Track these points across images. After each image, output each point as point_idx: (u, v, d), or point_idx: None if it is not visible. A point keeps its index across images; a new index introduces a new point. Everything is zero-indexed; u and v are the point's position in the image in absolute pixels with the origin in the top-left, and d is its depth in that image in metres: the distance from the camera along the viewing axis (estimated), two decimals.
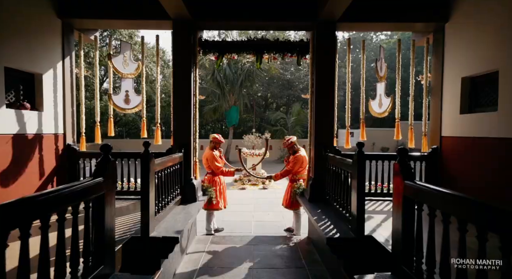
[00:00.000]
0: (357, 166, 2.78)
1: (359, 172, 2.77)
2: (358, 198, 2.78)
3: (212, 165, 4.81)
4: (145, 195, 2.75)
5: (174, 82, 4.34)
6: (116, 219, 3.39)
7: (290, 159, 4.86)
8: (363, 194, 2.80)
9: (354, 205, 2.87)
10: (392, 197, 2.22)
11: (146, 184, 2.74)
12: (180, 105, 4.32)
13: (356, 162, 2.78)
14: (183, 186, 4.19)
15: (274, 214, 6.61)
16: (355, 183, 2.83)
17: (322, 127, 4.34)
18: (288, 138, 4.87)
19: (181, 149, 4.22)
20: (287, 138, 4.89)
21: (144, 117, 4.56)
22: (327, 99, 4.33)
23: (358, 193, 2.78)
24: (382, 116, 4.56)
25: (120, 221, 3.31)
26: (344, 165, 3.28)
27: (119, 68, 4.44)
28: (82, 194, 1.76)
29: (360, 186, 2.77)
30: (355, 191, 2.83)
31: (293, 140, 4.79)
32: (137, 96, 4.58)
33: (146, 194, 2.74)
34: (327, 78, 4.33)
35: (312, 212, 3.73)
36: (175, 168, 3.87)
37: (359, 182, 2.77)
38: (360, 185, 2.77)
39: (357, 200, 2.78)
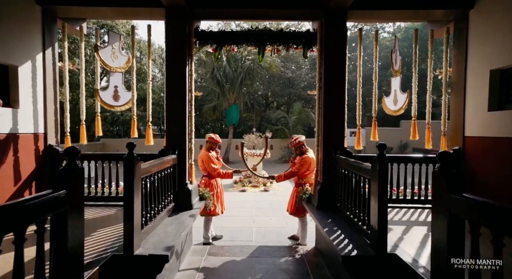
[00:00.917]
0: (379, 171, 2.35)
1: (380, 178, 2.35)
2: (380, 209, 2.36)
3: (208, 167, 4.41)
4: (128, 206, 2.33)
5: (167, 76, 3.92)
6: (98, 231, 2.99)
7: (296, 160, 4.44)
8: (386, 205, 2.38)
9: (374, 217, 2.45)
10: (431, 214, 1.80)
11: (129, 192, 2.32)
12: (173, 102, 3.90)
13: (378, 166, 2.36)
14: (177, 191, 3.77)
15: (277, 219, 6.19)
16: (375, 191, 2.41)
17: (331, 126, 3.92)
18: (296, 137, 4.45)
19: (175, 150, 3.80)
20: (294, 137, 4.47)
21: (134, 115, 4.14)
22: (336, 95, 3.91)
23: (379, 203, 2.35)
24: (397, 113, 4.14)
25: (103, 234, 2.89)
26: (360, 169, 2.86)
27: (107, 61, 4.02)
28: (32, 214, 1.34)
29: (382, 195, 2.35)
30: (375, 201, 2.41)
31: (301, 139, 4.37)
32: (127, 92, 4.16)
33: (129, 204, 2.32)
34: (336, 72, 3.91)
35: (322, 222, 3.31)
36: (167, 172, 3.45)
37: (380, 190, 2.35)
38: (382, 194, 2.35)
39: (379, 212, 2.36)
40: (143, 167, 2.56)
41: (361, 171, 2.83)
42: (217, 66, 17.48)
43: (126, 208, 2.33)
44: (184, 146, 3.91)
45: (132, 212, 2.33)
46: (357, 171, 2.93)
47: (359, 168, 2.85)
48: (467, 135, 3.82)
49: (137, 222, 2.42)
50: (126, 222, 2.33)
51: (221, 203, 4.67)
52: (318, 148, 4.04)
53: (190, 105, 4.02)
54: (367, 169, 2.63)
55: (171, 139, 3.90)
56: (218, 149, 4.83)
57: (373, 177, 2.47)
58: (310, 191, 4.22)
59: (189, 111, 4.01)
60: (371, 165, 2.53)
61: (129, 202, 2.32)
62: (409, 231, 3.06)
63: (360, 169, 2.83)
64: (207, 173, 4.48)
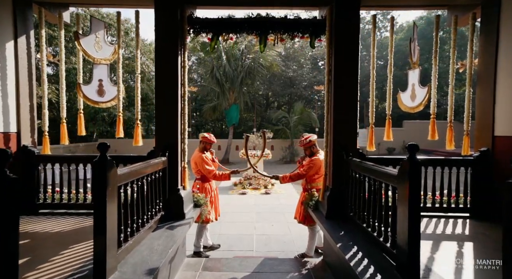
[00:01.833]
0: (410, 178, 1.90)
1: (412, 187, 1.89)
2: (411, 225, 1.90)
3: (202, 169, 4.00)
4: (99, 222, 1.87)
5: (157, 68, 3.48)
6: (70, 247, 2.52)
7: (305, 162, 4.00)
8: (418, 220, 1.92)
9: (402, 233, 1.99)
10: (503, 235, 1.35)
11: (101, 205, 1.87)
12: (164, 97, 3.45)
13: (408, 172, 1.91)
14: (167, 199, 3.32)
15: (279, 226, 5.74)
16: (404, 202, 1.95)
17: (342, 125, 3.47)
18: (307, 136, 4.01)
19: (165, 152, 3.35)
20: (305, 136, 4.03)
21: (120, 112, 3.69)
22: (348, 89, 3.46)
23: (410, 217, 1.90)
24: (415, 110, 3.69)
25: (75, 251, 2.44)
26: (381, 175, 2.40)
27: (90, 52, 3.57)
28: None
29: (413, 208, 1.90)
30: (404, 214, 1.96)
31: (312, 139, 3.93)
32: (113, 86, 3.72)
33: (101, 219, 1.87)
34: (348, 63, 3.46)
35: (333, 235, 2.86)
36: (155, 176, 3.00)
37: (411, 201, 1.90)
38: (414, 206, 1.90)
39: (409, 228, 1.90)
40: (121, 173, 2.11)
41: (383, 177, 2.38)
42: (216, 65, 17.06)
43: (97, 225, 1.88)
44: (176, 147, 3.47)
45: (105, 228, 1.88)
46: (377, 176, 2.48)
47: (381, 173, 2.40)
48: (497, 134, 3.36)
49: (112, 240, 1.97)
50: (97, 241, 1.88)
51: (215, 208, 4.25)
52: (327, 149, 3.59)
53: (183, 100, 3.57)
54: (391, 175, 2.18)
55: (161, 139, 3.46)
56: (212, 150, 4.41)
57: (401, 185, 2.01)
58: (317, 196, 3.77)
59: (182, 108, 3.57)
60: (397, 171, 2.07)
61: (101, 217, 1.87)
62: (441, 247, 2.60)
63: (382, 175, 2.38)
64: (201, 176, 4.06)
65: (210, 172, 4.02)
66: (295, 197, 8.36)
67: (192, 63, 26.47)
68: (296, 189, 9.38)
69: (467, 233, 2.98)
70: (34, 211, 3.40)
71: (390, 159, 3.73)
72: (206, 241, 4.43)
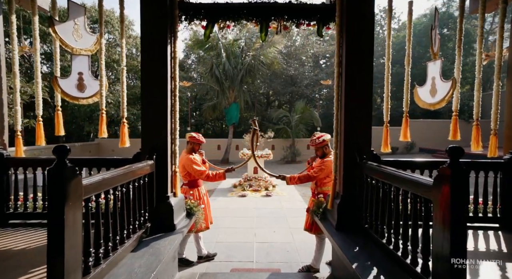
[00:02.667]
0: (453, 190, 1.48)
1: (456, 200, 1.47)
2: (455, 250, 1.48)
3: (192, 171, 3.64)
4: (55, 246, 1.46)
5: (143, 60, 3.06)
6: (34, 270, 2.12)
7: (316, 163, 3.62)
8: (464, 243, 1.50)
9: (440, 258, 1.57)
10: None
11: (56, 224, 1.46)
12: (151, 92, 3.04)
13: (451, 182, 1.49)
14: (155, 208, 2.91)
15: (281, 232, 5.32)
16: (443, 219, 1.53)
17: (354, 123, 3.05)
18: (319, 135, 3.62)
19: (152, 154, 2.93)
20: (317, 135, 3.65)
21: (103, 109, 3.27)
22: (361, 83, 3.04)
23: (453, 239, 1.48)
24: (436, 107, 3.26)
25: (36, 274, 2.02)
26: (408, 183, 1.98)
27: (67, 40, 3.15)
28: None
29: (458, 227, 1.48)
30: (443, 235, 1.54)
31: (326, 138, 3.53)
32: (95, 80, 3.30)
33: (56, 243, 1.46)
34: (362, 53, 3.04)
35: (347, 251, 2.44)
36: (139, 183, 2.59)
37: (455, 219, 1.48)
38: (458, 225, 1.48)
39: (453, 252, 1.48)
40: (88, 182, 1.69)
41: (410, 186, 1.96)
42: (216, 63, 16.63)
43: (52, 249, 1.46)
44: (165, 149, 3.05)
45: (62, 254, 1.46)
46: (403, 184, 2.06)
47: (408, 181, 1.97)
48: None
49: (73, 267, 1.56)
50: (51, 271, 1.47)
51: (206, 215, 3.89)
52: (337, 151, 3.16)
53: (173, 96, 3.16)
54: (424, 184, 1.76)
55: (149, 140, 3.04)
56: (202, 151, 4.03)
57: (438, 197, 1.59)
58: (326, 204, 3.36)
59: (172, 104, 3.15)
60: (434, 179, 1.65)
61: (56, 240, 1.46)
62: (482, 271, 2.16)
63: (409, 183, 1.96)
64: (189, 181, 3.69)
65: (202, 173, 3.65)
66: (297, 199, 7.95)
67: (192, 61, 26.06)
68: (298, 190, 8.97)
69: (505, 250, 2.56)
70: (2, 222, 2.99)
71: (408, 162, 3.31)
72: (201, 251, 4.03)
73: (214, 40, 16.72)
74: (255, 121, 3.88)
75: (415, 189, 1.89)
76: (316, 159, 3.77)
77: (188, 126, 22.34)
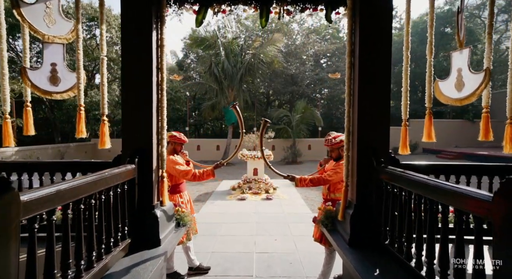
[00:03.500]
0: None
1: None
2: None
3: (176, 172, 3.29)
4: None
5: (124, 47, 2.65)
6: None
7: (329, 166, 3.24)
8: None
9: None
10: None
11: None
12: (133, 85, 2.62)
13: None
14: (137, 220, 2.48)
15: (283, 240, 4.90)
16: None
17: (369, 122, 2.63)
18: (336, 135, 3.25)
19: (134, 157, 2.51)
20: (333, 135, 3.29)
21: (81, 105, 2.84)
22: (378, 75, 2.62)
23: None
24: (464, 103, 2.82)
25: None
26: (450, 196, 1.55)
27: (37, 26, 2.73)
28: None
29: None
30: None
31: (343, 138, 3.14)
32: (71, 73, 2.87)
33: None
34: (378, 41, 2.62)
35: (365, 275, 2.02)
36: (116, 192, 2.17)
37: None
38: None
39: None
40: (29, 198, 1.26)
41: (454, 200, 1.53)
42: (215, 62, 16.22)
43: None
44: (150, 151, 2.63)
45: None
46: (441, 197, 1.63)
47: (451, 193, 1.54)
48: None
49: None
50: None
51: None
52: (349, 153, 2.74)
53: (160, 89, 2.74)
54: (479, 199, 1.33)
55: (130, 141, 2.62)
56: (185, 151, 3.65)
57: (504, 217, 1.17)
58: (335, 213, 2.94)
59: (159, 99, 2.73)
60: (494, 195, 1.22)
61: None
62: None
63: (454, 196, 1.53)
64: (170, 186, 3.29)
65: (187, 173, 3.28)
66: (299, 203, 7.53)
67: (191, 60, 25.66)
68: (301, 193, 8.54)
69: None
70: None
71: (430, 166, 2.89)
72: (191, 262, 3.62)
73: (213, 38, 16.32)
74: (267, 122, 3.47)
75: (461, 204, 1.47)
76: (329, 161, 3.38)
77: (187, 126, 21.94)
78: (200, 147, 18.54)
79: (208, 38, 16.35)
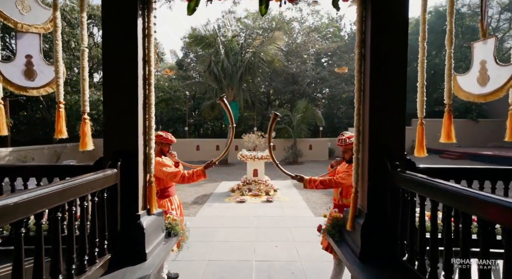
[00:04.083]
0: None
1: None
2: None
3: (163, 175, 3.04)
4: None
5: (105, 36, 2.35)
6: None
7: (341, 167, 2.99)
8: None
9: None
10: None
11: None
12: (115, 79, 2.33)
13: None
14: (119, 232, 2.19)
15: (285, 247, 4.60)
16: None
17: (383, 120, 2.33)
18: (350, 135, 3.01)
19: (117, 161, 2.22)
20: (347, 135, 3.04)
21: (61, 102, 2.55)
22: (393, 68, 2.33)
23: None
24: (489, 99, 2.52)
25: None
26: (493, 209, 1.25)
27: (9, 13, 2.43)
28: None
29: None
30: None
31: None
32: (49, 65, 2.58)
33: None
34: (394, 30, 2.33)
35: None
36: (93, 200, 1.87)
37: None
38: None
39: None
40: None
41: (498, 213, 1.23)
42: (214, 60, 15.92)
43: None
44: (136, 153, 2.33)
45: None
46: (482, 212, 1.33)
47: (494, 207, 1.24)
48: None
49: None
50: None
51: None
52: (359, 155, 2.44)
53: (148, 84, 2.44)
54: None
55: (113, 142, 2.33)
56: (174, 152, 3.39)
57: None
58: (343, 222, 2.65)
59: (145, 95, 2.43)
60: None
61: None
62: None
63: (497, 209, 1.23)
64: (159, 190, 3.02)
65: (175, 174, 3.03)
66: (301, 205, 7.24)
67: (191, 60, 25.38)
68: (302, 195, 8.25)
69: None
70: None
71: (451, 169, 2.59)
72: None
73: (213, 37, 16.03)
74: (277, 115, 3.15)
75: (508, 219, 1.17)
76: (341, 163, 3.11)
77: (186, 126, 21.65)
78: (199, 147, 18.26)
79: (207, 36, 16.06)
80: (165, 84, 22.14)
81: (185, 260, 3.93)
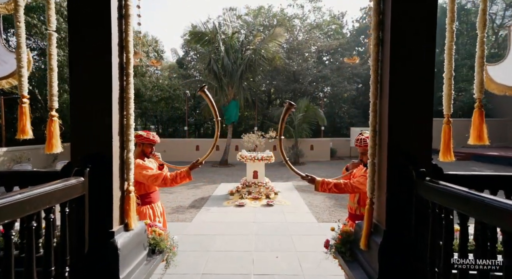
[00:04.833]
0: None
1: None
2: None
3: (143, 178, 2.72)
4: None
5: (70, 17, 1.97)
6: None
7: (358, 171, 2.65)
8: None
9: None
10: None
11: None
12: (84, 69, 1.95)
13: None
14: (86, 254, 1.80)
15: (286, 258, 4.22)
16: None
17: (405, 119, 1.94)
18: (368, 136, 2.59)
19: (85, 167, 1.83)
20: (366, 135, 2.65)
21: (24, 96, 2.17)
22: (418, 57, 1.94)
23: None
24: None
25: None
26: None
27: None
28: None
29: None
30: None
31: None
32: (11, 53, 2.20)
33: None
34: (420, 7, 1.94)
35: None
36: (49, 218, 1.50)
37: None
38: None
39: None
40: None
41: None
42: (214, 58, 15.52)
43: None
44: (110, 157, 1.95)
45: None
46: None
47: None
48: None
49: None
50: None
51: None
52: (374, 159, 2.06)
53: (126, 75, 2.06)
54: None
55: (81, 144, 1.95)
56: (157, 153, 3.04)
57: None
58: (354, 237, 2.26)
59: (122, 89, 2.05)
60: None
61: None
62: None
63: None
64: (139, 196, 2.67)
65: (157, 177, 2.70)
66: (303, 210, 6.84)
67: (191, 58, 24.99)
68: (304, 199, 7.86)
69: None
70: None
71: (486, 176, 2.20)
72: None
73: (213, 33, 15.64)
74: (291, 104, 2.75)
75: None
76: (358, 166, 2.74)
77: (186, 126, 21.28)
78: (199, 147, 17.88)
79: (207, 33, 15.68)
80: (164, 82, 21.78)
81: (178, 274, 3.55)
